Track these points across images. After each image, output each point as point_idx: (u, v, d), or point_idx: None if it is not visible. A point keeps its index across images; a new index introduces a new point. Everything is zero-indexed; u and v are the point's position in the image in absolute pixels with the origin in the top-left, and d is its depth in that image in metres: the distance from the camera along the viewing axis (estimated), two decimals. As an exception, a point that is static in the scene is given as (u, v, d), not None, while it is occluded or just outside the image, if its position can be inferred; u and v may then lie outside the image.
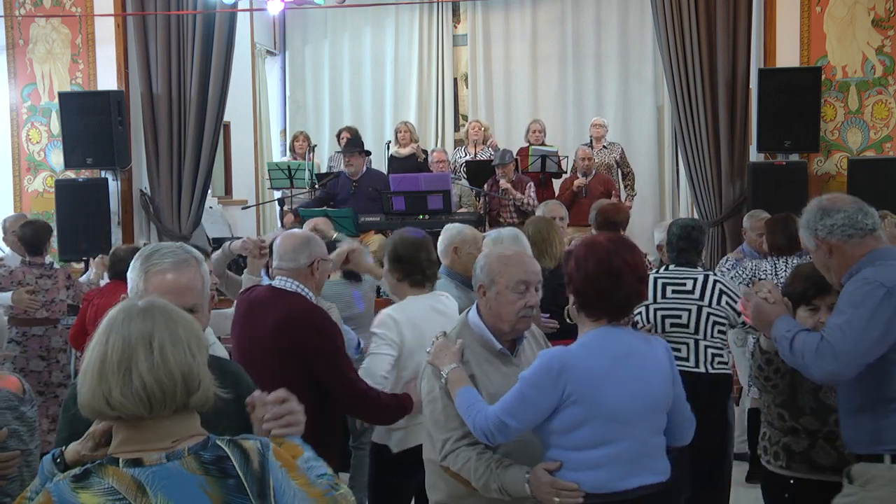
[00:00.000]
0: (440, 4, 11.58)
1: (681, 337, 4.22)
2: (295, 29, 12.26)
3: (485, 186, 8.28)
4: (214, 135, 8.15)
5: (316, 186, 8.59)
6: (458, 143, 10.91)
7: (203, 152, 8.10)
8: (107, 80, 8.03)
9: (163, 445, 1.66)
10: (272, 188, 9.45)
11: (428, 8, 11.60)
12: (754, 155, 7.67)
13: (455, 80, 11.95)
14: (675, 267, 4.37)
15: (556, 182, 8.94)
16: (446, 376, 2.69)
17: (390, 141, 9.67)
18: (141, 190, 8.22)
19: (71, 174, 8.08)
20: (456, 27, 11.97)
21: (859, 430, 2.76)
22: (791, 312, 2.91)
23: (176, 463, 1.65)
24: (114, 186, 8.00)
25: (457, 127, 11.83)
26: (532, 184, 8.19)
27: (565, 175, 8.93)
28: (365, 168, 8.09)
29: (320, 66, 12.19)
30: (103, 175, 7.98)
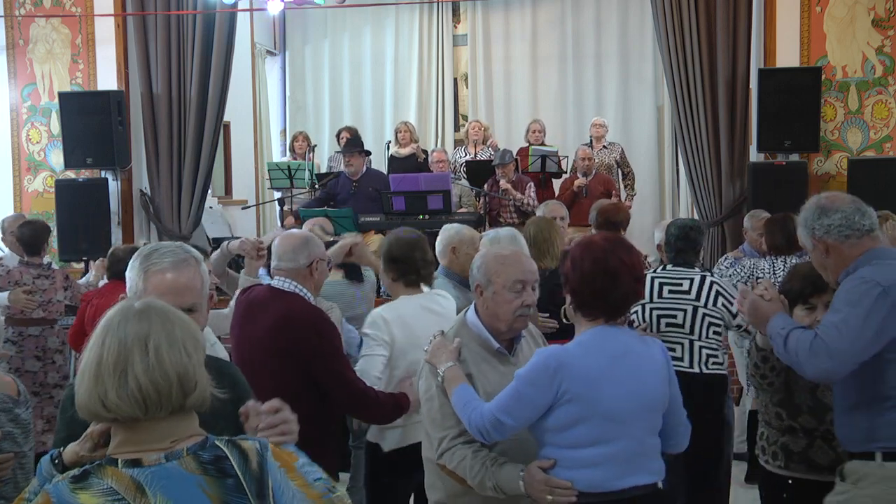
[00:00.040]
0: (440, 4, 11.58)
1: (676, 337, 4.22)
2: (295, 29, 12.26)
3: (485, 186, 8.28)
4: (214, 135, 8.15)
5: (316, 186, 8.59)
6: (458, 143, 10.91)
7: (203, 152, 8.10)
8: (107, 80, 8.03)
9: (161, 446, 1.66)
10: (272, 188, 9.45)
11: (428, 8, 11.61)
12: (754, 155, 7.67)
13: (455, 80, 11.95)
14: (673, 267, 4.37)
15: (556, 182, 8.94)
16: (443, 374, 2.70)
17: (390, 141, 9.67)
18: (141, 190, 8.22)
19: (71, 174, 8.08)
20: (456, 27, 11.97)
21: (853, 428, 2.76)
22: (787, 310, 2.92)
23: (174, 463, 1.65)
24: (114, 186, 8.00)
25: (457, 127, 11.83)
26: (532, 184, 8.19)
27: (565, 175, 8.93)
28: (365, 168, 8.09)
29: (320, 66, 12.19)
30: (103, 175, 7.98)
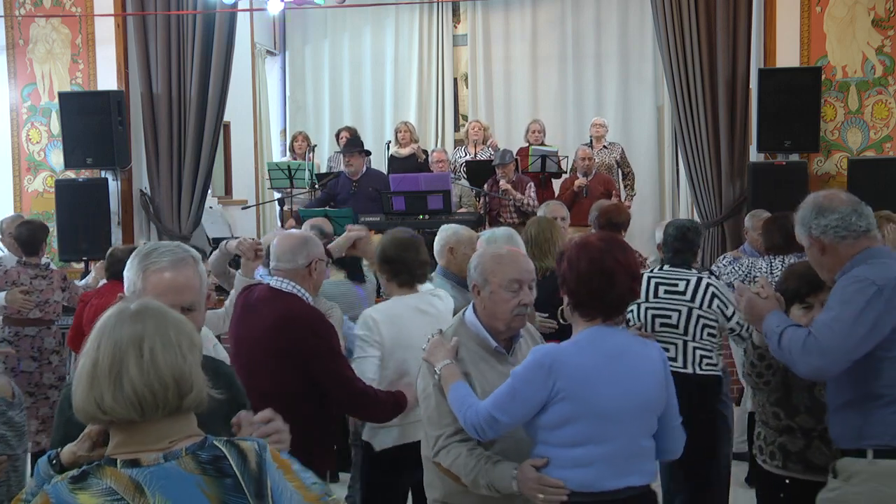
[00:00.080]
0: (440, 4, 11.58)
1: (670, 337, 4.21)
2: (295, 29, 12.26)
3: (485, 186, 8.28)
4: (214, 135, 8.15)
5: (316, 186, 8.59)
6: (458, 143, 10.91)
7: (203, 152, 8.11)
8: (107, 80, 8.03)
9: (160, 446, 1.66)
10: (272, 188, 9.45)
11: (428, 8, 11.61)
12: (754, 155, 7.67)
13: (455, 80, 11.95)
14: (670, 267, 4.36)
15: (556, 182, 8.94)
16: (439, 372, 2.71)
17: (390, 141, 9.67)
18: (141, 190, 8.22)
19: (71, 174, 8.08)
20: (456, 27, 11.97)
21: (845, 426, 2.78)
22: (783, 308, 2.93)
23: (173, 463, 1.65)
24: (114, 186, 8.00)
25: (457, 127, 11.83)
26: (532, 184, 8.18)
27: (565, 175, 8.93)
28: (365, 168, 8.09)
29: (320, 66, 12.19)
30: (103, 175, 7.98)
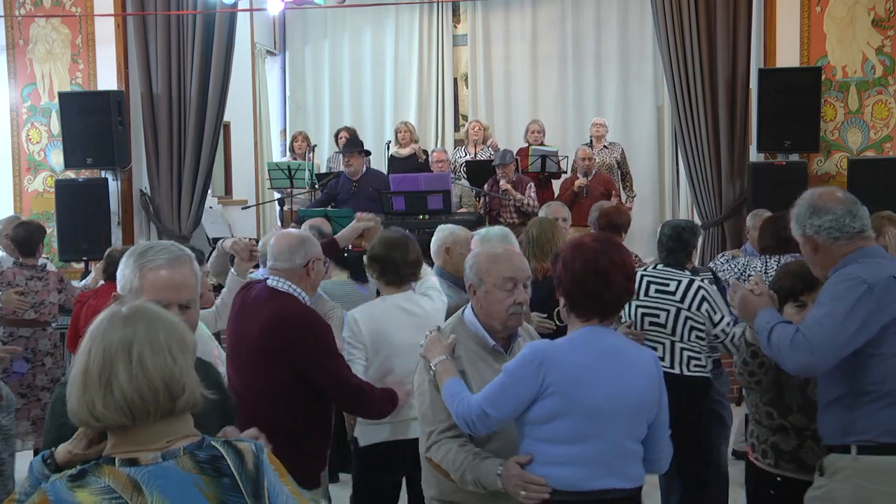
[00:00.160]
0: (440, 4, 11.59)
1: (658, 336, 4.21)
2: (295, 29, 12.27)
3: (485, 186, 8.28)
4: (214, 135, 8.15)
5: (316, 186, 8.59)
6: (458, 143, 10.91)
7: (203, 152, 8.11)
8: (107, 80, 8.03)
9: (157, 446, 1.67)
10: (272, 188, 9.45)
11: (428, 8, 11.61)
12: (754, 155, 7.68)
13: (455, 80, 11.96)
14: (664, 267, 4.36)
15: (556, 182, 8.94)
16: (434, 368, 2.72)
17: (390, 141, 9.67)
18: (141, 190, 8.23)
19: (71, 174, 8.09)
20: (456, 27, 11.97)
21: (832, 422, 2.80)
22: (776, 306, 2.94)
23: (171, 462, 1.66)
24: (114, 186, 8.00)
25: (457, 127, 11.84)
26: (532, 184, 8.18)
27: (565, 175, 8.93)
28: (365, 168, 8.09)
29: (320, 66, 12.20)
30: (103, 175, 7.98)
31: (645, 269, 4.36)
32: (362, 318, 3.63)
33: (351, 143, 8.33)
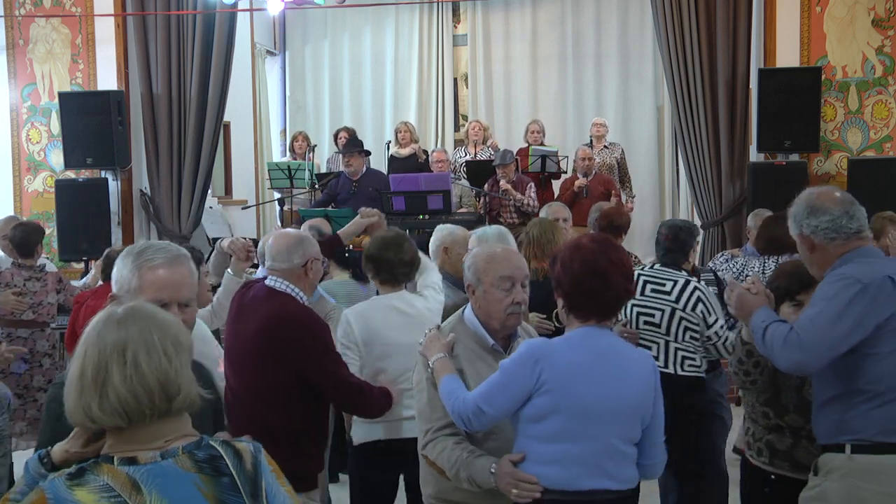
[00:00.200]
0: (440, 4, 11.58)
1: (652, 336, 4.21)
2: (295, 29, 12.26)
3: (485, 186, 8.28)
4: (214, 135, 8.16)
5: (316, 186, 8.60)
6: (458, 143, 10.91)
7: (203, 152, 8.11)
8: (107, 80, 8.04)
9: (156, 445, 1.67)
10: (272, 188, 9.45)
11: (428, 8, 11.61)
12: (754, 155, 7.68)
13: (455, 80, 11.95)
14: (660, 267, 4.36)
15: (556, 182, 8.94)
16: (432, 365, 2.72)
17: (390, 141, 9.67)
18: (141, 190, 8.23)
19: (71, 174, 8.09)
20: (456, 27, 11.97)
21: (827, 422, 2.80)
22: (773, 305, 2.95)
23: (170, 461, 1.66)
24: (114, 186, 8.00)
25: (457, 127, 11.83)
26: (532, 184, 8.18)
27: (565, 175, 8.93)
28: (365, 168, 8.09)
29: (320, 66, 12.19)
30: (103, 175, 7.99)
31: (642, 269, 4.37)
32: (354, 318, 3.66)
33: (351, 143, 8.33)
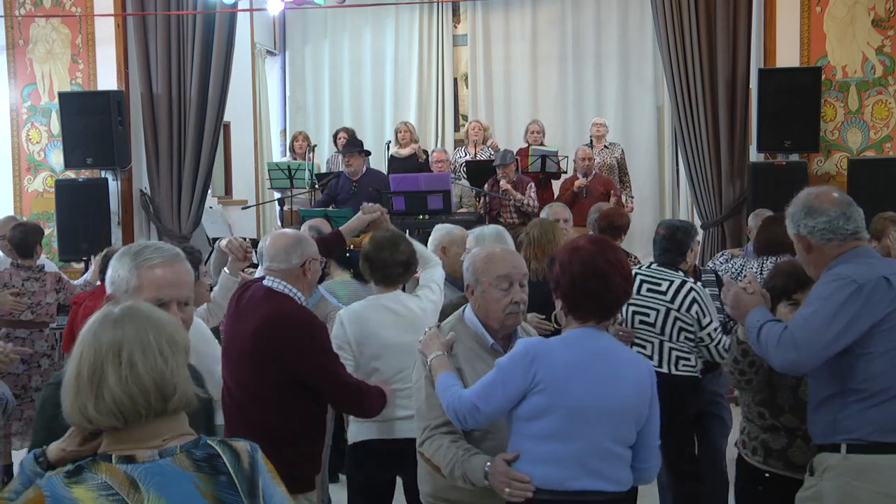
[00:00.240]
0: (440, 4, 11.58)
1: (647, 335, 4.21)
2: (295, 29, 12.27)
3: (485, 186, 8.28)
4: (214, 135, 8.15)
5: (316, 186, 8.60)
6: (458, 143, 10.91)
7: (203, 152, 8.11)
8: (107, 80, 8.04)
9: (153, 444, 1.68)
10: (272, 188, 9.46)
11: (428, 8, 11.61)
12: (754, 155, 7.67)
13: (455, 80, 11.95)
14: (657, 266, 4.36)
15: (556, 182, 8.94)
16: (430, 363, 2.73)
17: (390, 141, 9.67)
18: (141, 190, 8.23)
19: (71, 174, 8.09)
20: (456, 27, 11.97)
21: (822, 421, 2.81)
22: (769, 304, 2.96)
23: (168, 460, 1.66)
24: (114, 186, 8.00)
25: (457, 127, 11.83)
26: (532, 184, 8.18)
27: (565, 175, 8.93)
28: (365, 168, 8.09)
29: (320, 66, 12.19)
30: (103, 175, 7.98)
31: (639, 268, 4.37)
32: (347, 318, 3.68)
33: (351, 143, 8.34)
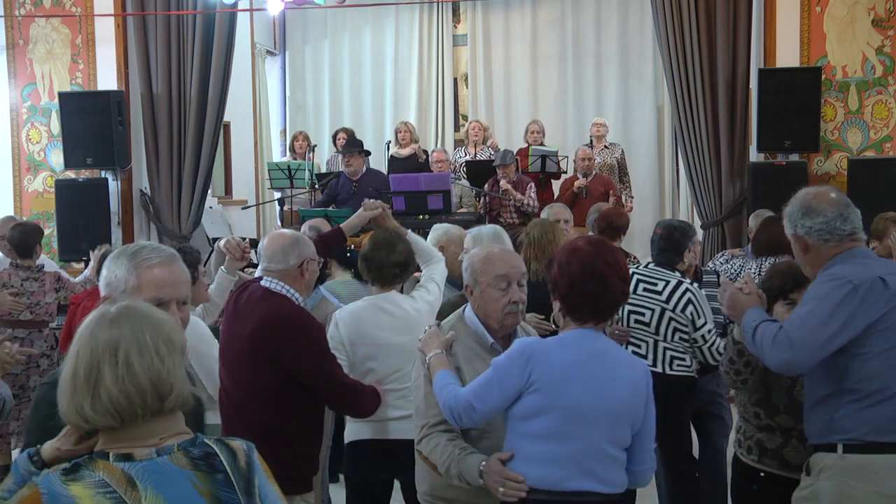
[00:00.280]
0: (440, 4, 11.58)
1: (642, 335, 4.22)
2: (295, 29, 12.27)
3: (485, 186, 8.28)
4: (214, 135, 8.15)
5: (316, 186, 8.60)
6: (458, 143, 10.91)
7: (203, 152, 8.11)
8: (107, 80, 8.04)
9: (150, 442, 1.68)
10: (272, 188, 9.46)
11: (428, 8, 11.61)
12: (754, 155, 7.67)
13: (455, 80, 11.95)
14: (654, 266, 4.36)
15: (556, 182, 8.93)
16: (429, 361, 2.74)
17: (390, 141, 9.67)
18: (141, 190, 8.23)
19: (71, 174, 8.09)
20: (456, 27, 11.97)
21: (818, 421, 2.81)
22: (765, 305, 2.96)
23: (165, 458, 1.67)
24: (114, 186, 8.00)
25: (457, 127, 11.83)
26: (532, 184, 8.18)
27: (565, 175, 8.93)
28: (365, 168, 8.10)
29: (320, 66, 12.19)
30: (103, 175, 7.99)
31: (636, 267, 4.38)
32: (342, 319, 3.69)
33: (351, 143, 8.34)
